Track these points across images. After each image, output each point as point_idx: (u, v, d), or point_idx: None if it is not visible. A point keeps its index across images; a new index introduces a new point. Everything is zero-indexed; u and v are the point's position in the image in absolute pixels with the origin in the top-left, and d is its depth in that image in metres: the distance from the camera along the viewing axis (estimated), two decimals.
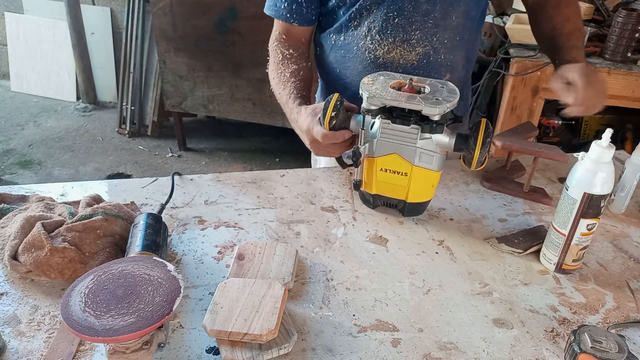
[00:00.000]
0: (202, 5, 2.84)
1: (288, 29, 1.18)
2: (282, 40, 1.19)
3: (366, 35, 1.10)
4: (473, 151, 0.90)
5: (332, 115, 0.94)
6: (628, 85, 2.11)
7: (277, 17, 1.17)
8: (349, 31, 1.13)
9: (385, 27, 1.08)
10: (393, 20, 1.07)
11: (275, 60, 1.18)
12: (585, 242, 0.87)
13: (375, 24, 1.08)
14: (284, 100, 1.12)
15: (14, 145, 3.42)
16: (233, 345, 0.70)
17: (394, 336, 0.76)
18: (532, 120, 2.28)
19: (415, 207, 1.03)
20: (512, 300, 0.84)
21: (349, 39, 1.14)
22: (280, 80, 1.14)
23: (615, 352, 0.67)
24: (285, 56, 1.16)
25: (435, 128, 0.91)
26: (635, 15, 2.04)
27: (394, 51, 1.10)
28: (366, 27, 1.10)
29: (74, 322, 0.62)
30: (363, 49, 1.12)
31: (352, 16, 1.10)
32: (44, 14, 3.87)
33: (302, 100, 1.09)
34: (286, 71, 1.14)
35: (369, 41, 1.10)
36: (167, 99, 3.20)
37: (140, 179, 1.13)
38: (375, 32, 1.09)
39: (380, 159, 0.96)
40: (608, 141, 0.82)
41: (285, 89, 1.12)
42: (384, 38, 1.09)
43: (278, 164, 3.34)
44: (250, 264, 0.85)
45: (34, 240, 0.80)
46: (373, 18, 1.08)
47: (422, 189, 0.99)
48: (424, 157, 0.94)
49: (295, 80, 1.13)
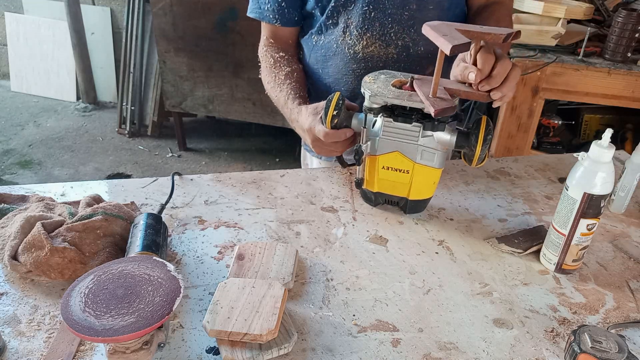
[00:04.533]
0: (202, 5, 2.84)
1: (274, 32, 1.20)
2: (270, 44, 1.21)
3: (344, 32, 1.11)
4: (474, 148, 0.90)
5: (334, 114, 0.94)
6: (628, 85, 2.11)
7: (261, 18, 1.18)
8: (328, 30, 1.14)
9: (362, 22, 1.09)
10: (369, 14, 1.07)
11: (267, 65, 1.19)
12: (585, 242, 0.87)
13: (352, 19, 1.09)
14: (282, 102, 1.13)
15: (14, 145, 3.42)
16: (233, 345, 0.70)
17: (394, 336, 0.76)
18: (532, 120, 2.28)
19: (417, 205, 1.03)
20: (512, 300, 0.84)
21: (328, 37, 1.14)
22: (275, 84, 1.15)
23: (615, 352, 0.67)
24: (277, 59, 1.18)
25: (437, 126, 0.92)
26: (635, 15, 2.04)
27: (373, 45, 1.11)
28: (344, 23, 1.10)
29: (74, 322, 0.62)
30: (342, 45, 1.13)
31: (329, 15, 1.11)
32: (44, 14, 3.88)
33: (301, 100, 1.10)
34: (280, 74, 1.15)
35: (347, 37, 1.11)
36: (167, 99, 3.20)
37: (140, 179, 1.13)
38: (352, 27, 1.10)
39: (382, 157, 0.97)
40: (608, 141, 0.82)
41: (282, 91, 1.13)
42: (361, 33, 1.10)
43: (278, 164, 3.34)
44: (250, 264, 0.85)
45: (34, 240, 0.80)
46: (350, 14, 1.09)
47: (423, 186, 0.99)
48: (425, 155, 0.95)
49: (290, 81, 1.14)
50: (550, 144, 2.50)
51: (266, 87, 1.21)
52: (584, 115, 2.55)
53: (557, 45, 2.19)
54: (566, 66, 2.12)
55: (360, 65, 1.13)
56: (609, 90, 2.14)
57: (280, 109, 1.16)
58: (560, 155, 1.33)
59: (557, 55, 2.16)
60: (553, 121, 2.51)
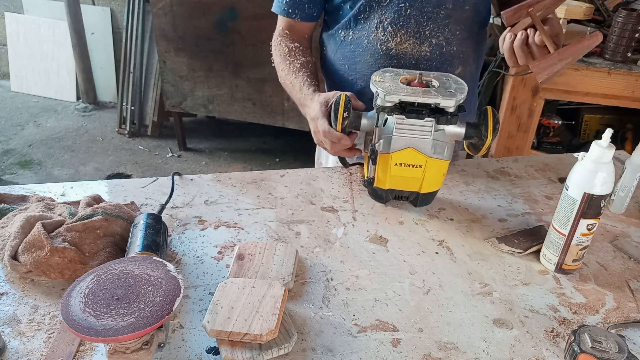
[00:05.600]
0: (202, 5, 2.84)
1: (291, 25, 1.21)
2: (285, 35, 1.21)
3: (377, 28, 1.11)
4: (485, 138, 0.94)
5: (344, 116, 0.96)
6: (628, 85, 2.11)
7: (280, 13, 1.20)
8: (358, 25, 1.13)
9: (397, 18, 1.09)
10: (405, 11, 1.08)
11: (281, 53, 1.20)
12: (585, 242, 0.87)
13: (387, 15, 1.09)
14: (298, 87, 1.13)
15: (14, 145, 3.42)
16: (233, 345, 0.70)
17: (394, 336, 0.76)
18: (532, 120, 2.28)
19: (427, 197, 1.05)
20: (512, 300, 0.84)
21: (358, 33, 1.14)
22: (290, 70, 1.16)
23: (615, 352, 0.67)
24: (292, 49, 1.18)
25: (450, 119, 0.94)
26: (635, 15, 2.04)
27: (406, 42, 1.11)
28: (377, 19, 1.10)
29: (74, 322, 0.62)
30: (375, 41, 1.12)
31: (361, 9, 1.11)
32: (44, 14, 3.87)
33: (316, 88, 1.11)
34: (296, 62, 1.16)
35: (381, 33, 1.11)
36: (167, 99, 3.20)
37: (140, 179, 1.13)
38: (387, 23, 1.09)
39: (395, 154, 0.97)
40: (608, 141, 0.82)
41: (297, 78, 1.14)
42: (396, 30, 1.10)
43: (278, 164, 3.34)
44: (250, 264, 0.85)
45: (34, 240, 0.80)
46: (384, 10, 1.09)
47: (434, 178, 1.01)
48: (437, 148, 0.96)
49: (306, 70, 1.15)
50: (550, 144, 2.50)
51: (280, 74, 1.21)
52: (584, 115, 2.55)
53: None
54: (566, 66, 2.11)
55: (392, 62, 1.13)
56: (609, 90, 2.13)
57: (292, 94, 1.17)
58: (560, 155, 1.33)
59: None
60: (553, 121, 2.51)
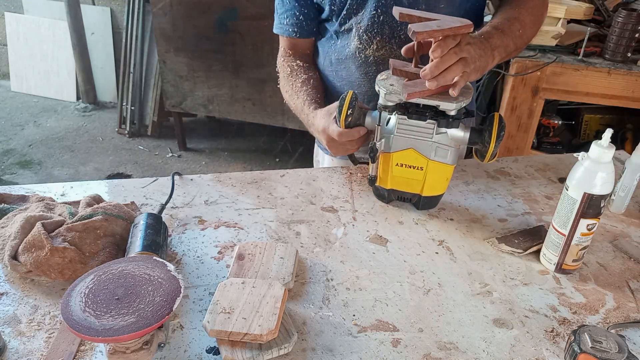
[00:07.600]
0: (202, 5, 2.84)
1: (293, 43, 1.22)
2: (288, 54, 1.23)
3: (354, 36, 1.12)
4: (488, 144, 0.93)
5: (348, 112, 0.96)
6: (628, 85, 2.11)
7: (282, 33, 1.21)
8: (341, 35, 1.15)
9: (370, 26, 1.09)
10: (378, 18, 1.08)
11: (284, 74, 1.22)
12: (585, 242, 0.87)
13: (362, 23, 1.10)
14: (299, 109, 1.15)
15: (14, 145, 3.42)
16: (233, 345, 0.70)
17: (394, 336, 0.76)
18: (532, 120, 2.28)
19: (430, 201, 1.04)
20: (512, 300, 0.84)
21: (341, 42, 1.16)
22: (293, 91, 1.18)
23: (615, 352, 0.67)
24: (294, 68, 1.20)
25: (451, 123, 0.93)
26: (635, 15, 2.04)
27: (383, 49, 1.11)
28: (355, 28, 1.11)
29: (74, 322, 0.62)
30: (353, 50, 1.13)
31: (342, 21, 1.12)
32: (44, 14, 3.87)
33: (317, 105, 1.12)
34: (297, 82, 1.18)
35: (357, 41, 1.12)
36: (167, 99, 3.20)
37: (140, 179, 1.13)
38: (362, 32, 1.10)
39: (396, 154, 0.97)
40: (608, 141, 0.82)
41: (299, 98, 1.15)
42: (371, 37, 1.10)
43: (278, 164, 3.34)
44: (250, 264, 0.85)
45: (34, 240, 0.80)
46: (359, 19, 1.10)
47: (437, 182, 1.00)
48: (439, 152, 0.96)
49: (307, 88, 1.16)
50: (550, 144, 2.50)
51: (284, 96, 1.23)
52: (584, 115, 2.55)
53: (557, 45, 2.19)
54: (566, 66, 2.12)
55: (372, 68, 1.14)
56: (609, 90, 2.14)
57: (298, 116, 1.18)
58: (560, 155, 1.33)
59: (557, 55, 2.16)
60: (553, 121, 2.51)
